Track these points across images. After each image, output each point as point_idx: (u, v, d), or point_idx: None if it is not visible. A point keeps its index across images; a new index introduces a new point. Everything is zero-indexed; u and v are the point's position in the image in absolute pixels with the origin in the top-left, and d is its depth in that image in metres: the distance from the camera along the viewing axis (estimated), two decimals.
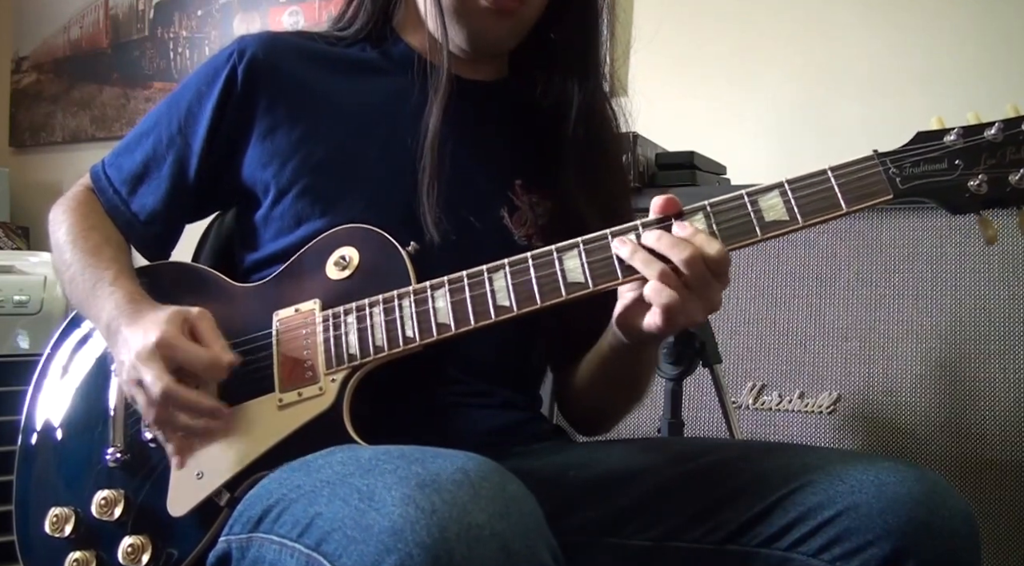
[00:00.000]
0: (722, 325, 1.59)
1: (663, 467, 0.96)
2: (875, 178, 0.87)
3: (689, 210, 0.90)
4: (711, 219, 0.89)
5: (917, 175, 0.87)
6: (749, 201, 0.89)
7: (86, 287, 1.05)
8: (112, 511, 1.00)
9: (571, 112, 1.10)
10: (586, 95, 1.11)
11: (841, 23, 2.07)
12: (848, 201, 0.87)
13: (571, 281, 0.90)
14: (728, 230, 0.89)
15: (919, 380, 1.47)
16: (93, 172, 1.17)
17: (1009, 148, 0.85)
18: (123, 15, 3.10)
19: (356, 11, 1.16)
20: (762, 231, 0.88)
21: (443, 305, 0.93)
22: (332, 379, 0.96)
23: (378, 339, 0.95)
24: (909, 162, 0.87)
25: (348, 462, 0.80)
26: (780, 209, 0.88)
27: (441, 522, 0.67)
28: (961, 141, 0.87)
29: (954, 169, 0.87)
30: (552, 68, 1.13)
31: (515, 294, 0.92)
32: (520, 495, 0.74)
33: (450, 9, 1.07)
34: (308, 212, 1.05)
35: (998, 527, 1.38)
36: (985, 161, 0.86)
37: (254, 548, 0.83)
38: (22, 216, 3.13)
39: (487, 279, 0.93)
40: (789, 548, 0.86)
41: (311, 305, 0.99)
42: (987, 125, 0.86)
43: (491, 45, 1.11)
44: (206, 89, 1.10)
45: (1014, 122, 0.85)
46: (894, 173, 0.87)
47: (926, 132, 0.88)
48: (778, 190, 0.89)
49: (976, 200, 0.87)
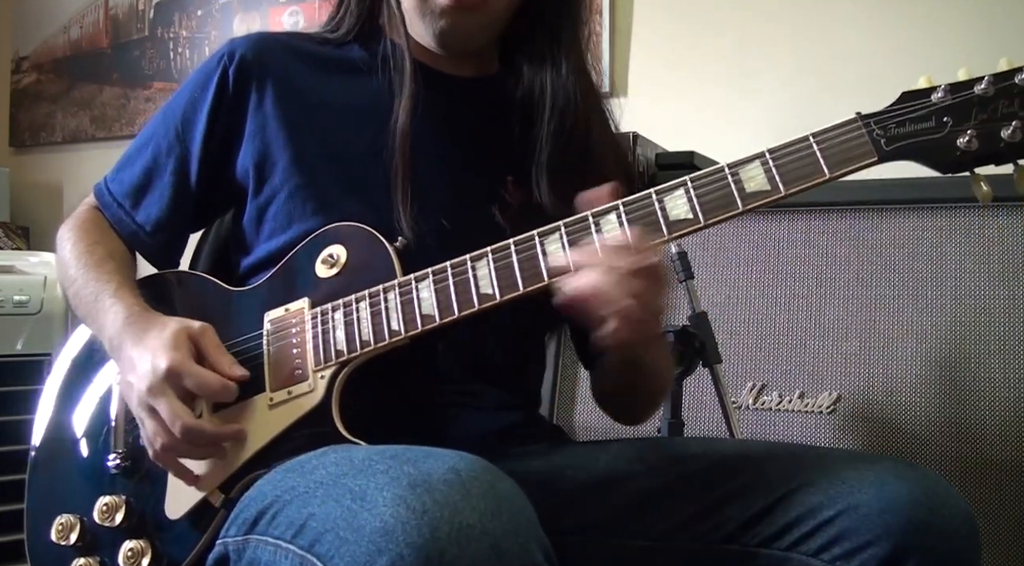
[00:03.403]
0: (722, 325, 1.58)
1: (662, 467, 0.96)
2: (859, 141, 0.83)
3: (670, 186, 0.89)
4: (691, 193, 0.87)
5: (903, 135, 0.83)
6: (730, 173, 0.87)
7: (89, 300, 1.06)
8: (114, 517, 1.00)
9: (544, 104, 1.07)
10: (558, 86, 1.07)
11: (841, 23, 2.07)
12: (831, 166, 0.84)
13: (552, 265, 0.90)
14: (709, 203, 0.87)
15: (919, 380, 1.47)
16: (96, 189, 1.18)
17: (1001, 101, 0.80)
18: (123, 15, 3.10)
19: (344, 12, 1.16)
20: (743, 202, 0.86)
21: (427, 295, 0.93)
22: (321, 376, 0.96)
23: (364, 333, 0.95)
24: (894, 122, 0.83)
25: (342, 463, 0.80)
26: (761, 179, 0.86)
27: (432, 522, 0.67)
28: (949, 98, 0.82)
29: (942, 127, 0.82)
30: (524, 58, 1.10)
31: (498, 281, 0.91)
32: (511, 494, 0.74)
33: (412, 10, 1.07)
34: (300, 212, 1.05)
35: (998, 527, 1.38)
36: (976, 116, 0.81)
37: (250, 550, 0.83)
38: (22, 216, 3.13)
39: (470, 267, 0.92)
40: (789, 548, 0.86)
41: (300, 304, 1.00)
42: (976, 80, 0.82)
43: (461, 42, 1.09)
44: (200, 94, 1.11)
45: (1006, 75, 0.81)
46: (878, 135, 0.83)
47: (911, 91, 0.84)
48: (759, 160, 0.86)
49: (967, 157, 0.82)
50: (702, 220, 0.87)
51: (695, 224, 0.87)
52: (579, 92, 1.08)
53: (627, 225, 0.88)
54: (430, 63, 1.11)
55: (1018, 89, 0.81)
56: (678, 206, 0.88)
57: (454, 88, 1.12)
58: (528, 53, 1.10)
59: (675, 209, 0.88)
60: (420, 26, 1.08)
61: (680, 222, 0.88)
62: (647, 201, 0.89)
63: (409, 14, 1.09)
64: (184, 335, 0.96)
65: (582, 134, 1.08)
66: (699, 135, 1.99)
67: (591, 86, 1.12)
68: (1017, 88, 0.81)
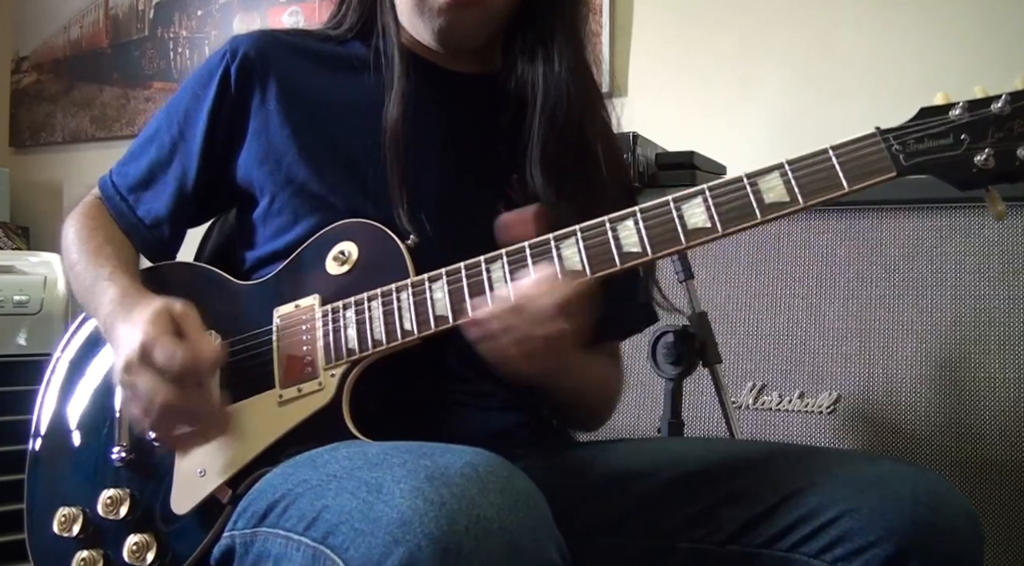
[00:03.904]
0: (722, 325, 1.58)
1: (663, 468, 0.96)
2: (878, 156, 0.84)
3: (688, 194, 0.89)
4: (709, 202, 0.87)
5: (921, 151, 0.84)
6: (748, 183, 0.87)
7: (87, 283, 1.07)
8: (118, 510, 1.00)
9: (536, 99, 1.06)
10: (551, 81, 1.06)
11: (841, 23, 2.07)
12: (850, 180, 0.84)
13: (569, 269, 0.90)
14: (728, 213, 0.87)
15: (919, 380, 1.47)
16: (101, 182, 1.19)
17: (1017, 121, 0.82)
18: (123, 15, 3.10)
19: (346, 9, 1.16)
20: (762, 213, 0.86)
21: (440, 296, 0.93)
22: (331, 374, 0.96)
23: (376, 333, 0.95)
24: (913, 138, 0.84)
25: (355, 457, 0.80)
26: (780, 190, 0.86)
27: (450, 514, 0.67)
28: (967, 115, 0.83)
29: (960, 144, 0.83)
30: (518, 52, 1.09)
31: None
32: (528, 490, 0.74)
33: (411, 8, 1.07)
34: (305, 209, 1.05)
35: (998, 527, 1.38)
36: (992, 135, 0.82)
37: (259, 542, 0.83)
38: (22, 216, 3.13)
39: (484, 269, 0.92)
40: (790, 549, 0.86)
41: (311, 301, 1.00)
42: (994, 98, 0.83)
43: (461, 39, 1.09)
44: (202, 91, 1.11)
45: (1022, 94, 0.82)
46: (897, 150, 0.84)
47: (930, 107, 0.85)
48: (778, 171, 0.87)
49: (984, 175, 0.83)
50: (720, 229, 0.87)
51: (713, 233, 0.87)
52: (574, 87, 1.07)
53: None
54: (431, 59, 1.11)
55: None
56: (696, 214, 0.88)
57: (456, 85, 1.12)
58: (521, 47, 1.09)
59: (693, 217, 0.88)
60: (419, 24, 1.08)
61: (698, 231, 0.88)
62: (665, 208, 0.89)
63: (408, 12, 1.08)
64: (165, 311, 0.95)
65: (575, 129, 1.07)
66: (699, 135, 1.99)
67: (589, 82, 1.11)
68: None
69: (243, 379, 0.99)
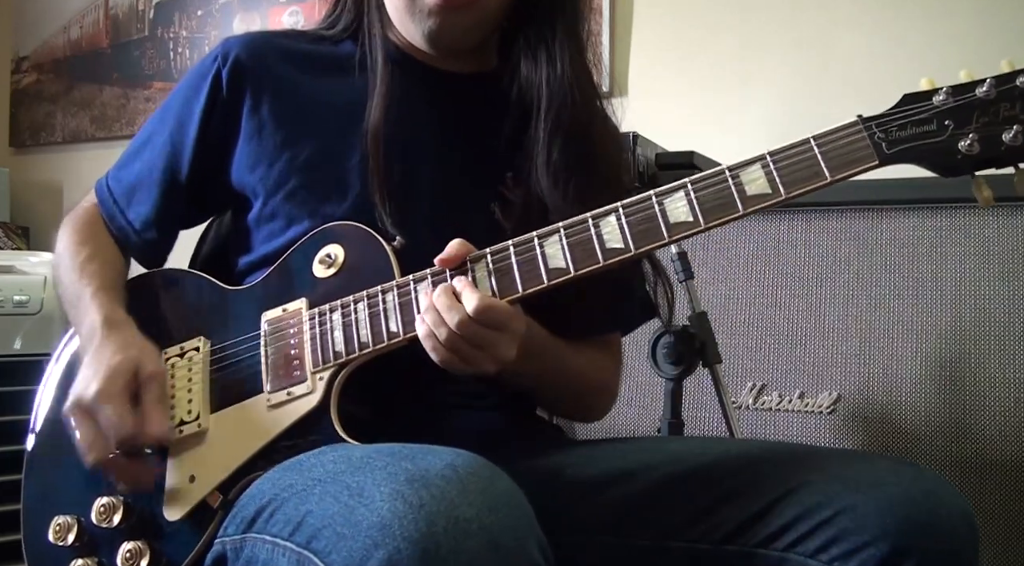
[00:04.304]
0: (722, 325, 1.58)
1: (661, 466, 0.96)
2: (860, 144, 0.83)
3: (670, 188, 0.89)
4: (692, 196, 0.87)
5: (904, 138, 0.82)
6: (730, 175, 0.86)
7: (72, 301, 1.08)
8: (111, 518, 1.00)
9: (541, 102, 1.05)
10: (555, 84, 1.05)
11: (840, 23, 2.07)
12: (832, 169, 0.83)
13: (552, 267, 0.90)
14: (709, 206, 0.86)
15: (919, 380, 1.47)
16: (97, 186, 1.19)
17: (1003, 105, 0.80)
18: (123, 15, 3.10)
19: (341, 9, 1.16)
20: (744, 205, 0.85)
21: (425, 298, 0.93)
22: (320, 377, 0.96)
23: (363, 335, 0.95)
24: (896, 125, 0.82)
25: (340, 460, 0.80)
26: (762, 181, 0.85)
27: (429, 516, 0.67)
28: (951, 100, 0.81)
29: (944, 130, 0.81)
30: (520, 54, 1.08)
31: (497, 284, 0.91)
32: (509, 490, 0.74)
33: (402, 9, 1.06)
34: (297, 213, 1.05)
35: (998, 527, 1.38)
36: (977, 120, 0.80)
37: (248, 548, 0.83)
38: (22, 216, 3.13)
39: (470, 270, 0.92)
40: (787, 548, 0.86)
41: (298, 304, 1.00)
42: (978, 82, 0.81)
43: (453, 41, 1.08)
44: (193, 94, 1.11)
45: (1007, 77, 0.80)
46: (880, 138, 0.82)
47: (913, 94, 0.83)
48: (759, 163, 0.86)
49: (968, 161, 0.81)
50: (702, 223, 0.87)
51: (695, 227, 0.87)
52: (577, 89, 1.06)
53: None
54: (422, 59, 1.11)
55: (1019, 92, 0.80)
56: (678, 208, 0.88)
57: (449, 84, 1.12)
58: (524, 49, 1.08)
59: (675, 212, 0.88)
60: (410, 25, 1.08)
61: (680, 224, 0.87)
62: (647, 203, 0.89)
63: (399, 13, 1.08)
64: (130, 370, 0.96)
65: (581, 131, 1.06)
66: (699, 135, 1.99)
67: (591, 83, 1.10)
68: (1018, 91, 0.80)
69: (232, 384, 0.99)
